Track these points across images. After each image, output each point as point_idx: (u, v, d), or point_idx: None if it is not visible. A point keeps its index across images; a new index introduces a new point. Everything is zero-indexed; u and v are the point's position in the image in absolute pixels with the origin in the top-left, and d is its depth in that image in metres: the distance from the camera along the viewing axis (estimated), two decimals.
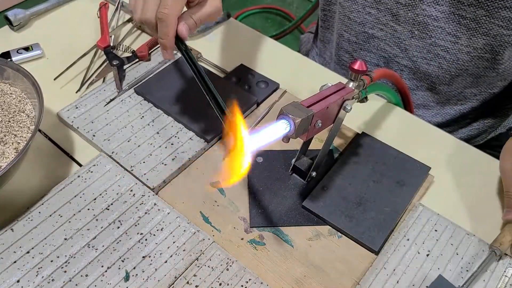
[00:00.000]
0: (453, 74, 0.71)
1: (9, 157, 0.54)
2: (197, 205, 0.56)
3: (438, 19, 0.65)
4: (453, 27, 0.65)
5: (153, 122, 0.64)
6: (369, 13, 0.71)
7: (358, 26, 0.74)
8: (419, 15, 0.66)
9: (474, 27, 0.64)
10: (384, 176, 0.58)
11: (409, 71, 0.74)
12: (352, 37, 0.76)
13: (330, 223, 0.54)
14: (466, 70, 0.69)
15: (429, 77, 0.73)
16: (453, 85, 0.73)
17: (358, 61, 0.52)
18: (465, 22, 0.64)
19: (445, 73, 0.71)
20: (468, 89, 0.73)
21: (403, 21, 0.69)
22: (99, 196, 0.56)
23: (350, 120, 0.63)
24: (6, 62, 0.61)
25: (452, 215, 0.55)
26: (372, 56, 0.76)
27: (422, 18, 0.67)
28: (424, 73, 0.73)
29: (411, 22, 0.68)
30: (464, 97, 0.75)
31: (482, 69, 0.69)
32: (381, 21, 0.71)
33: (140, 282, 0.49)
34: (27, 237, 0.52)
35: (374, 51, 0.76)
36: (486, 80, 0.71)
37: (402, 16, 0.68)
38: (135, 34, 0.80)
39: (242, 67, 0.73)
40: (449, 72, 0.70)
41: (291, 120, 0.44)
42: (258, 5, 2.05)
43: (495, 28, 0.62)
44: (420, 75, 0.73)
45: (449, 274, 0.50)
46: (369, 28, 0.73)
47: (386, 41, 0.73)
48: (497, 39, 0.63)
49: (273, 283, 0.49)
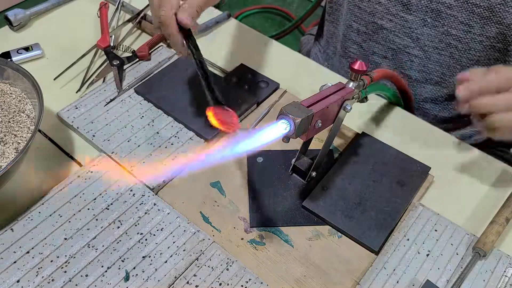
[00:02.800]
0: (463, 65, 0.71)
1: (9, 157, 0.54)
2: (197, 205, 0.56)
3: (452, 7, 0.66)
4: (466, 16, 0.66)
5: (153, 122, 0.64)
6: (379, 2, 0.72)
7: (368, 16, 0.74)
8: (433, 2, 0.67)
9: (488, 15, 0.64)
10: (384, 176, 0.58)
11: (419, 61, 0.74)
12: (362, 27, 0.76)
13: (330, 223, 0.54)
14: (477, 61, 0.69)
15: (440, 68, 0.73)
16: None
17: (358, 61, 0.52)
18: (478, 11, 0.64)
19: (456, 63, 0.71)
20: None
21: (415, 9, 0.69)
22: (99, 196, 0.56)
23: (350, 120, 0.63)
24: (6, 62, 0.61)
25: (452, 215, 0.55)
26: (380, 48, 0.76)
27: (435, 5, 0.67)
28: (435, 63, 0.73)
29: (424, 10, 0.68)
30: None
31: (493, 61, 0.69)
32: (391, 11, 0.71)
33: (140, 282, 0.49)
34: (27, 237, 0.52)
35: (382, 42, 0.76)
36: None
37: (414, 5, 0.69)
38: (135, 34, 0.80)
39: (242, 67, 0.73)
40: (460, 62, 0.70)
41: (291, 120, 0.44)
42: (258, 5, 2.05)
43: (509, 17, 0.63)
44: (431, 66, 0.73)
45: (449, 274, 0.50)
46: (378, 19, 0.73)
47: (395, 32, 0.73)
48: (511, 27, 0.64)
49: (273, 283, 0.49)
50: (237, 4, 2.04)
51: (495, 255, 0.51)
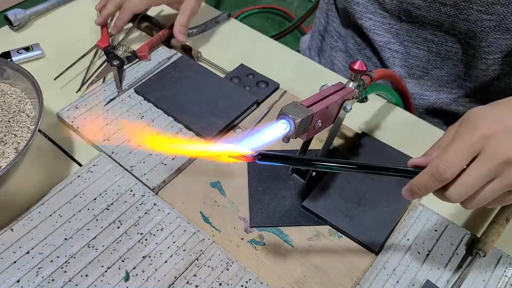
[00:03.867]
0: (443, 56, 0.71)
1: (9, 157, 0.54)
2: (197, 205, 0.56)
3: (420, 7, 0.66)
4: (435, 15, 0.66)
5: (153, 122, 0.64)
6: (357, 3, 0.73)
7: (349, 17, 0.76)
8: (403, 3, 0.68)
9: (455, 13, 0.65)
10: (384, 176, 0.58)
11: (401, 56, 0.74)
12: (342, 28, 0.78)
13: (330, 223, 0.54)
14: (456, 53, 0.70)
15: (420, 62, 0.73)
16: (445, 68, 0.73)
17: (358, 61, 0.52)
18: (445, 10, 0.65)
19: (436, 56, 0.71)
20: (461, 80, 0.73)
21: (389, 8, 0.70)
22: (99, 196, 0.56)
23: (350, 120, 0.63)
24: (6, 62, 0.61)
25: (452, 215, 0.55)
26: (363, 47, 0.77)
27: (405, 5, 0.68)
28: (415, 58, 0.73)
29: (397, 9, 0.69)
30: (458, 87, 0.75)
31: (471, 58, 0.69)
32: (369, 10, 0.72)
33: (140, 282, 0.49)
34: (27, 237, 0.52)
35: (365, 43, 0.77)
36: (478, 75, 0.71)
37: (388, 4, 0.70)
38: (135, 34, 0.80)
39: (242, 67, 0.73)
40: (439, 54, 0.71)
41: (291, 120, 0.44)
42: (258, 5, 2.05)
43: (474, 14, 0.63)
44: (412, 61, 0.74)
45: (449, 274, 0.50)
46: (358, 18, 0.74)
47: (374, 31, 0.73)
48: (478, 24, 0.64)
49: (273, 283, 0.49)
50: (237, 4, 2.04)
51: (495, 255, 0.51)
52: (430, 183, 0.42)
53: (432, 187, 0.42)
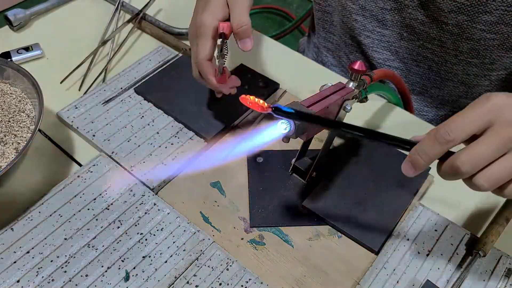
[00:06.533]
0: (443, 77, 0.71)
1: (9, 157, 0.54)
2: (197, 205, 0.56)
3: (424, 23, 0.66)
4: (437, 32, 0.66)
5: (153, 122, 0.64)
6: (356, 20, 0.72)
7: (349, 31, 0.75)
8: (406, 18, 0.67)
9: (458, 32, 0.64)
10: (384, 176, 0.58)
11: (401, 73, 0.74)
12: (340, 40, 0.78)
13: (330, 223, 0.54)
14: (456, 75, 0.69)
15: (420, 80, 0.73)
16: (445, 89, 0.73)
17: (358, 61, 0.52)
18: (448, 28, 0.64)
19: (436, 76, 0.71)
20: (463, 99, 0.73)
21: (390, 25, 0.69)
22: (99, 196, 0.56)
23: (350, 120, 0.63)
24: (6, 62, 0.61)
25: (452, 215, 0.55)
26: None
27: (409, 21, 0.67)
28: (415, 75, 0.73)
29: (399, 25, 0.69)
30: (459, 107, 0.74)
31: (473, 77, 0.69)
32: (367, 28, 0.71)
33: (140, 282, 0.49)
34: (27, 237, 0.52)
35: (362, 58, 0.76)
36: (481, 91, 0.71)
37: (389, 21, 0.69)
38: (135, 34, 0.80)
39: (242, 67, 0.73)
40: (439, 74, 0.70)
41: (291, 120, 0.44)
42: (258, 5, 2.05)
43: (477, 33, 0.63)
44: (412, 78, 0.74)
45: (449, 274, 0.50)
46: (357, 35, 0.74)
47: (373, 48, 0.73)
48: (481, 43, 0.64)
49: (273, 283, 0.49)
50: None
51: (495, 255, 0.51)
52: (432, 147, 0.39)
53: (434, 153, 0.39)
